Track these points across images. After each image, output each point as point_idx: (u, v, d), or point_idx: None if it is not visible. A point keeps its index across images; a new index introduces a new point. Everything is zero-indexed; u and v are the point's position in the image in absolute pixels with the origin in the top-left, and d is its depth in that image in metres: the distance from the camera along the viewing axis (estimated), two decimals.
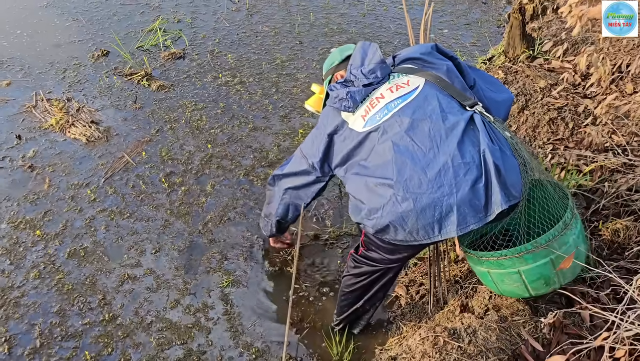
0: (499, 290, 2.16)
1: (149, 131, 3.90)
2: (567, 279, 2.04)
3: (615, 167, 2.90)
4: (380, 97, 2.03)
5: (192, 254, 3.02)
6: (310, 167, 2.22)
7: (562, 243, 1.94)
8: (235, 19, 5.33)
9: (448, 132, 1.89)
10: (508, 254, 1.98)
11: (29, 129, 3.90)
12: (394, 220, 1.88)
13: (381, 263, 2.21)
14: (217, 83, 4.40)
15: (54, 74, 4.50)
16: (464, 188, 1.81)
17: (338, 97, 2.07)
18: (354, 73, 2.09)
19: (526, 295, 2.09)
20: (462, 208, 1.82)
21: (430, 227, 1.86)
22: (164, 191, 3.40)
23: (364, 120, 2.02)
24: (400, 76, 2.07)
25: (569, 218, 1.97)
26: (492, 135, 1.89)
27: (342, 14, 5.41)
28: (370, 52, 2.11)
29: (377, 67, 2.06)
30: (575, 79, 3.52)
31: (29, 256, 2.99)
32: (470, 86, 2.14)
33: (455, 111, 1.94)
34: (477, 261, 2.11)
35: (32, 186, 3.44)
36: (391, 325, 2.66)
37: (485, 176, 1.82)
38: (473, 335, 2.01)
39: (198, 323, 2.68)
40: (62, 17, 5.33)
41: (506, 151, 1.89)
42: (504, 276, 2.05)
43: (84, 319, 2.69)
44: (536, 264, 1.96)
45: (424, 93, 1.99)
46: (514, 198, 1.84)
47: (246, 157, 3.67)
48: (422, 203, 1.84)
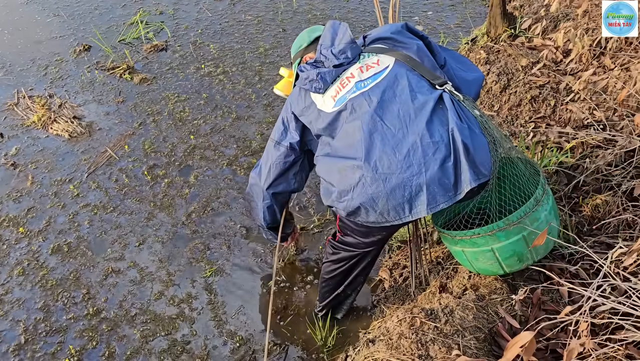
0: (474, 268, 2.16)
1: (132, 124, 3.88)
2: (539, 255, 2.04)
3: (596, 143, 2.88)
4: (350, 76, 2.01)
5: (175, 246, 3.02)
6: (288, 149, 2.19)
7: (533, 220, 1.93)
8: (217, 8, 5.29)
9: (417, 112, 1.87)
10: (481, 232, 1.98)
11: (11, 127, 3.89)
12: (365, 202, 1.87)
13: (358, 248, 2.21)
14: (200, 74, 4.37)
15: (36, 71, 4.47)
16: (432, 167, 1.80)
17: (308, 79, 2.04)
18: (324, 53, 2.06)
19: (501, 272, 2.09)
20: (432, 187, 1.81)
21: (400, 207, 1.86)
22: (147, 184, 3.39)
23: (333, 100, 2.00)
24: (370, 55, 2.05)
25: (540, 195, 1.96)
26: (460, 114, 1.88)
27: (325, 0, 5.37)
28: (340, 32, 2.08)
29: (347, 47, 2.03)
30: (556, 56, 3.50)
31: (12, 254, 2.99)
32: (441, 65, 2.12)
33: (424, 90, 1.93)
34: (452, 240, 2.11)
35: (15, 184, 3.43)
36: (375, 308, 2.66)
37: (454, 154, 1.81)
38: (450, 314, 2.01)
39: (182, 313, 2.68)
40: (43, 13, 5.29)
41: (475, 130, 1.87)
42: (478, 254, 2.05)
43: (68, 314, 2.70)
44: (509, 242, 1.96)
45: (394, 72, 1.97)
46: (484, 176, 1.84)
47: (229, 147, 3.66)
48: (391, 184, 1.83)
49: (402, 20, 2.46)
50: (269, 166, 2.26)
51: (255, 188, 2.39)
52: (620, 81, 2.96)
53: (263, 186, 2.31)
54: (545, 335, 1.92)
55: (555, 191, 2.71)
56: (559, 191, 2.70)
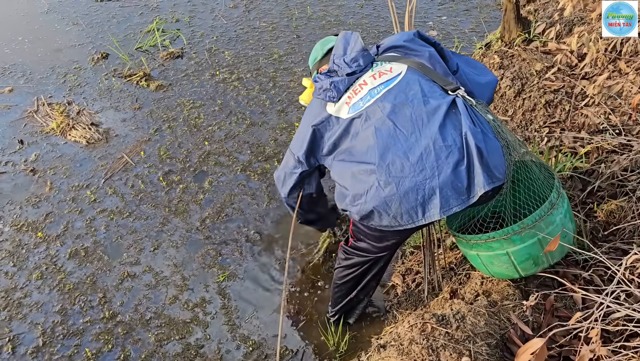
0: (489, 272, 2.15)
1: (148, 130, 3.94)
2: (555, 259, 2.04)
3: (611, 148, 2.85)
4: (363, 83, 2.04)
5: (189, 251, 3.05)
6: (297, 162, 2.20)
7: (548, 223, 1.93)
8: (232, 15, 5.35)
9: (430, 116, 1.88)
10: (496, 236, 1.98)
11: (31, 134, 3.97)
12: (378, 205, 1.88)
13: (371, 253, 2.22)
14: (215, 80, 4.42)
15: (55, 79, 4.56)
16: (445, 171, 1.81)
17: (322, 88, 2.07)
18: (337, 62, 2.09)
19: (516, 276, 2.09)
20: (445, 191, 1.82)
21: (413, 211, 1.86)
22: (163, 190, 3.44)
23: (347, 106, 2.03)
24: (383, 63, 2.08)
25: (554, 198, 1.96)
26: (473, 118, 1.88)
27: (339, 6, 5.40)
28: (352, 41, 2.11)
29: (359, 56, 2.06)
30: (571, 61, 3.47)
31: (31, 258, 3.05)
32: (454, 71, 2.13)
33: (437, 95, 1.94)
34: (467, 244, 2.11)
35: (34, 189, 3.50)
36: (387, 313, 2.66)
37: (467, 158, 1.82)
38: (461, 320, 2.00)
39: (196, 317, 2.71)
40: (63, 22, 5.40)
41: (488, 134, 1.88)
42: (493, 258, 2.05)
43: (84, 317, 2.74)
44: (524, 245, 1.96)
45: (407, 79, 1.99)
46: (497, 179, 1.84)
47: (243, 153, 3.69)
48: (404, 187, 1.84)
49: (416, 25, 2.46)
50: (284, 174, 2.28)
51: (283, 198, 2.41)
52: (635, 85, 2.93)
53: (282, 194, 2.35)
54: (558, 342, 1.90)
55: (569, 196, 2.69)
56: (573, 197, 2.68)
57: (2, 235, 3.20)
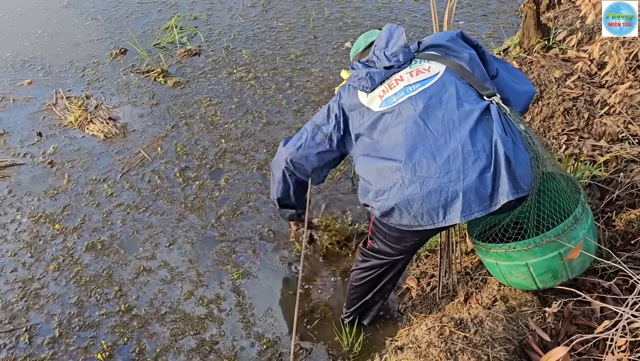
0: (506, 282, 2.15)
1: (165, 127, 3.97)
2: (575, 273, 2.02)
3: (630, 157, 2.85)
4: (399, 79, 2.03)
5: (205, 247, 3.07)
6: (326, 137, 2.21)
7: (571, 238, 1.92)
8: (250, 15, 5.37)
9: (462, 120, 1.88)
10: (517, 246, 1.97)
11: (49, 127, 4.01)
12: (400, 202, 1.88)
13: (389, 256, 2.22)
14: (232, 79, 4.44)
15: (74, 73, 4.60)
16: (471, 176, 1.80)
17: (357, 77, 2.07)
18: (377, 54, 2.08)
19: (533, 288, 2.08)
20: (468, 195, 1.81)
21: (435, 212, 1.86)
22: (179, 186, 3.46)
23: (380, 99, 2.02)
24: (422, 61, 2.06)
25: (579, 213, 1.94)
26: (506, 126, 1.87)
27: (356, 8, 5.41)
28: (395, 35, 2.08)
29: (400, 51, 2.04)
30: (591, 69, 3.46)
31: (48, 250, 3.08)
32: (492, 76, 2.11)
33: (471, 99, 1.93)
34: (486, 252, 2.10)
35: (51, 182, 3.53)
36: (402, 316, 2.67)
37: (495, 165, 1.81)
38: (480, 325, 2.01)
39: (211, 314, 2.73)
40: (82, 17, 5.44)
41: (519, 144, 1.87)
42: (512, 268, 2.04)
43: (100, 310, 2.76)
44: (544, 258, 1.95)
45: (443, 80, 1.98)
46: (522, 190, 1.83)
47: (259, 151, 3.71)
48: (428, 187, 1.84)
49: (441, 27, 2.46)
50: (300, 143, 2.28)
51: (278, 158, 2.40)
52: None
53: (286, 157, 2.33)
54: (576, 350, 1.90)
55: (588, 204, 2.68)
56: (592, 205, 2.67)
57: (20, 226, 3.23)
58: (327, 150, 2.26)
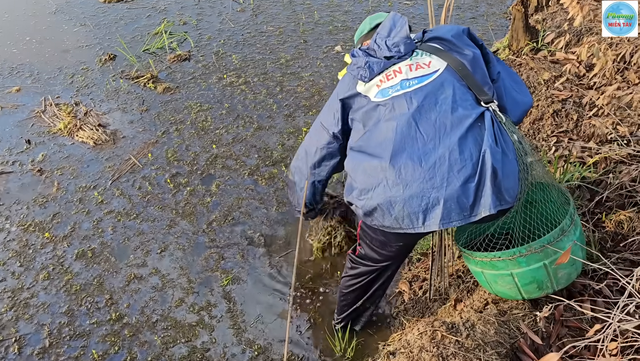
0: (492, 290, 2.15)
1: (155, 133, 3.95)
2: (560, 285, 2.02)
3: (619, 158, 2.86)
4: (398, 71, 1.98)
5: (196, 254, 3.05)
6: (332, 138, 2.17)
7: (557, 249, 1.91)
8: (240, 19, 5.37)
9: (454, 125, 1.85)
10: (502, 256, 1.97)
11: (38, 134, 3.98)
12: (382, 203, 1.87)
13: (376, 262, 2.21)
14: (222, 84, 4.43)
15: (63, 79, 4.57)
16: (454, 184, 1.79)
17: (357, 65, 2.03)
18: (378, 43, 2.03)
19: (519, 297, 2.08)
20: (449, 203, 1.80)
21: (415, 216, 1.84)
22: (170, 192, 3.45)
23: (377, 89, 1.99)
24: (423, 54, 2.01)
25: (567, 225, 1.93)
26: (498, 136, 1.84)
27: (346, 12, 5.42)
28: (398, 25, 2.03)
29: (401, 42, 1.99)
30: (579, 71, 3.48)
31: (38, 258, 3.05)
32: (493, 79, 2.06)
33: (467, 104, 1.89)
34: (472, 260, 2.10)
35: (41, 190, 3.51)
36: (394, 320, 2.66)
37: (480, 176, 1.79)
38: (471, 328, 2.01)
39: (202, 321, 2.71)
40: (70, 23, 5.42)
41: (509, 155, 1.84)
42: (497, 277, 2.05)
43: (91, 319, 2.74)
44: (529, 268, 1.95)
45: (442, 79, 1.94)
46: (506, 202, 1.81)
47: (251, 156, 3.70)
48: (411, 191, 1.82)
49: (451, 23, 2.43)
50: (315, 148, 2.23)
51: (299, 170, 2.35)
52: None
53: (309, 166, 2.28)
54: (568, 352, 1.91)
55: (578, 206, 2.69)
56: (581, 207, 2.69)
57: (9, 235, 3.20)
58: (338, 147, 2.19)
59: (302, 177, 2.36)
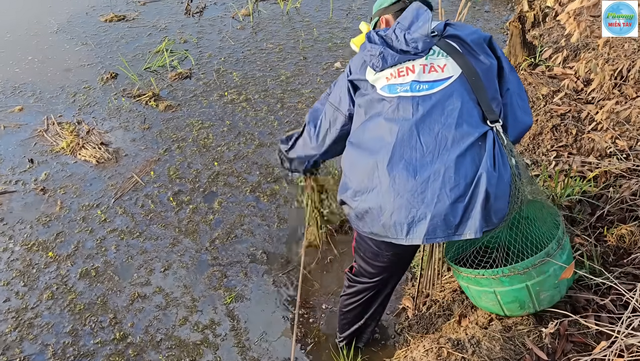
0: (478, 305, 2.19)
1: (157, 150, 3.97)
2: (542, 306, 2.03)
3: (619, 172, 2.89)
4: (411, 69, 1.92)
5: (199, 272, 3.06)
6: (346, 118, 2.11)
7: (540, 272, 1.92)
8: (240, 37, 5.42)
9: (455, 141, 1.82)
10: (485, 274, 1.99)
11: (41, 153, 4.00)
12: (373, 207, 1.86)
13: (372, 277, 2.20)
14: (223, 101, 4.47)
15: (65, 98, 4.61)
16: (444, 202, 1.78)
17: (371, 52, 1.95)
18: (397, 34, 1.94)
19: (502, 314, 2.11)
20: (436, 220, 1.79)
21: (400, 226, 1.83)
22: (172, 210, 3.46)
23: (386, 81, 1.94)
24: (439, 54, 1.94)
25: (552, 249, 1.93)
26: (497, 159, 1.83)
27: (345, 28, 5.48)
28: (421, 20, 1.93)
29: (420, 39, 1.91)
30: (577, 85, 3.52)
31: (42, 278, 3.06)
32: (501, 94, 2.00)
33: (472, 120, 1.86)
34: (459, 275, 2.13)
35: (44, 209, 3.52)
36: (399, 336, 2.66)
37: (470, 197, 1.78)
38: (477, 345, 2.01)
39: (206, 339, 2.71)
40: (72, 42, 5.46)
41: (504, 178, 1.83)
42: (481, 293, 2.08)
43: (95, 338, 2.74)
44: (512, 288, 1.96)
45: (452, 89, 1.88)
46: (492, 224, 1.82)
47: (252, 173, 3.72)
48: (400, 201, 1.81)
49: None
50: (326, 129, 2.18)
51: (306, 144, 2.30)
52: None
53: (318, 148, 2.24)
54: None
55: (579, 220, 2.71)
56: (583, 221, 2.70)
57: (12, 255, 3.20)
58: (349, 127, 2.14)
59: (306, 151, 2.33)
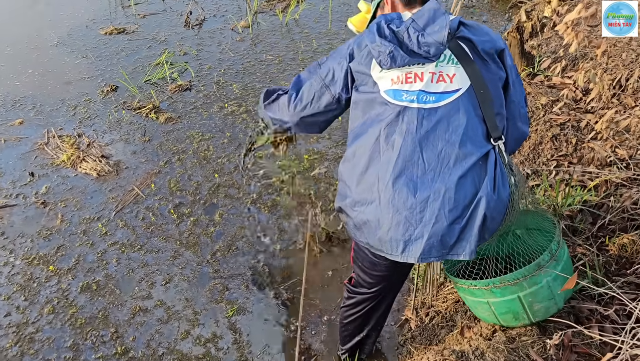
0: (476, 314, 2.19)
1: (158, 163, 3.98)
2: (537, 318, 2.03)
3: (620, 181, 2.89)
4: (419, 77, 1.84)
5: (201, 285, 3.05)
6: (333, 98, 1.99)
7: (532, 283, 1.91)
8: (239, 49, 5.45)
9: (457, 160, 1.80)
10: (478, 285, 1.99)
11: (42, 166, 4.00)
12: (371, 220, 1.85)
13: (371, 287, 2.18)
14: (224, 113, 4.48)
15: (65, 111, 4.62)
16: (442, 222, 1.77)
17: (379, 49, 1.83)
18: (410, 33, 1.82)
19: (498, 324, 2.12)
20: (432, 240, 1.79)
21: (395, 243, 1.82)
22: (173, 222, 3.46)
23: (391, 83, 1.86)
24: (450, 61, 1.86)
25: (544, 261, 1.92)
26: (497, 181, 1.82)
27: (343, 40, 5.50)
28: (437, 23, 1.82)
29: (433, 45, 1.80)
30: (576, 95, 3.54)
31: (42, 292, 3.05)
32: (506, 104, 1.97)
33: (477, 139, 1.83)
34: (455, 285, 2.13)
35: (45, 222, 3.51)
36: (402, 348, 2.65)
37: (468, 220, 1.78)
38: (481, 357, 2.01)
39: (209, 353, 2.70)
40: (72, 55, 5.49)
41: (503, 198, 1.83)
42: (476, 303, 2.08)
43: (97, 353, 2.72)
44: (504, 299, 1.96)
45: (459, 103, 1.83)
46: (483, 240, 1.83)
47: (253, 185, 3.72)
48: (399, 217, 1.80)
49: None
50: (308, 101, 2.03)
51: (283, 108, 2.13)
52: None
53: (294, 117, 2.09)
54: None
55: (581, 230, 2.71)
56: (584, 230, 2.71)
57: (13, 268, 3.19)
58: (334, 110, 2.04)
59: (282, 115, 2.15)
